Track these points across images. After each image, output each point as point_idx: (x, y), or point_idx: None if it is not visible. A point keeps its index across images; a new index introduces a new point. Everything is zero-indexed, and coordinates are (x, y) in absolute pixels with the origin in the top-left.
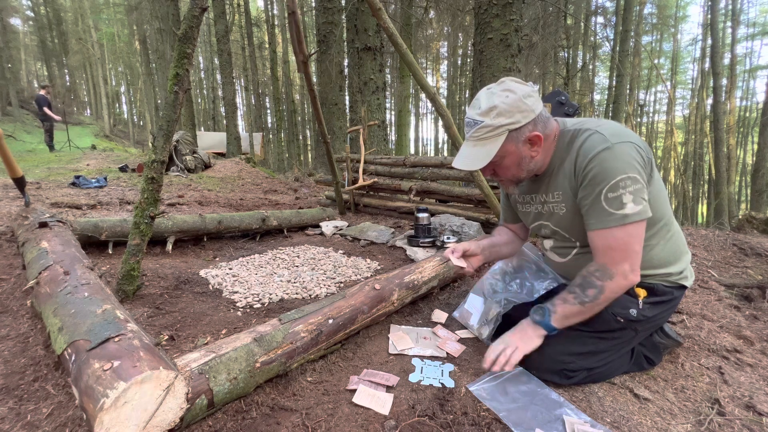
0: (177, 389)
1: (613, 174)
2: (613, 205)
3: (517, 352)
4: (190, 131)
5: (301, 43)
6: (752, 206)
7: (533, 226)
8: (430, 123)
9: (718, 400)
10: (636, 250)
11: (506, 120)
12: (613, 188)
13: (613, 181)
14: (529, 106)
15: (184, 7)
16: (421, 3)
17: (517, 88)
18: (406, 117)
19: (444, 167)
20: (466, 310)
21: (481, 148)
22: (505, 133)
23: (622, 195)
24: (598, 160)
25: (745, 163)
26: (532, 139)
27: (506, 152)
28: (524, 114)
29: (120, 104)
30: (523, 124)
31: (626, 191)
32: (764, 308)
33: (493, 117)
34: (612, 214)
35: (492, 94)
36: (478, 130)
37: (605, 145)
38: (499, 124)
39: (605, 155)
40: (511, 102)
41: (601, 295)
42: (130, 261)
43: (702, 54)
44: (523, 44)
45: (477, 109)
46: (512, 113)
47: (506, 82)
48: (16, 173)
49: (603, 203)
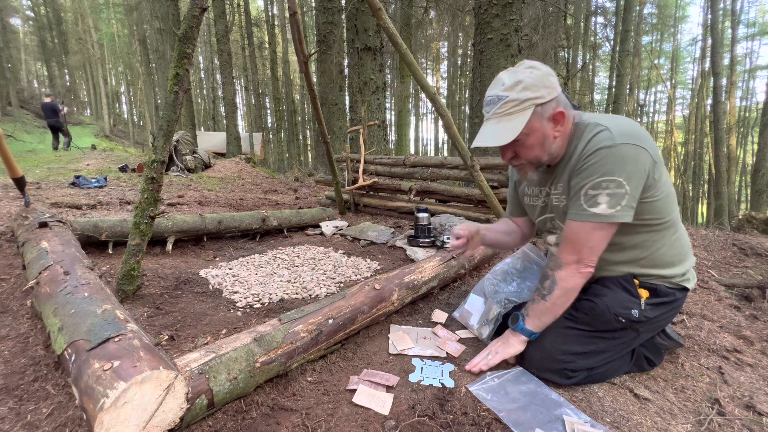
0: (177, 389)
1: (601, 173)
2: (588, 202)
3: (496, 356)
4: (190, 131)
5: (301, 43)
6: (752, 206)
7: (539, 221)
8: (430, 123)
9: (718, 400)
10: (590, 246)
11: (532, 94)
12: (594, 186)
13: (597, 180)
14: (552, 84)
15: (184, 7)
16: (421, 3)
17: (541, 66)
18: (406, 117)
19: (444, 167)
20: (467, 310)
21: (507, 123)
22: (531, 107)
23: (599, 195)
24: (595, 156)
25: (745, 163)
26: (556, 116)
27: (531, 129)
28: (549, 90)
29: (120, 104)
30: (547, 99)
31: (604, 192)
32: (764, 308)
33: (519, 91)
34: (584, 210)
35: (514, 72)
36: (503, 105)
37: (608, 143)
38: (526, 98)
39: (603, 153)
40: (537, 77)
41: (554, 287)
42: (130, 261)
43: (702, 54)
44: (523, 44)
45: (500, 86)
46: (538, 87)
47: (527, 62)
48: (16, 173)
49: (581, 198)
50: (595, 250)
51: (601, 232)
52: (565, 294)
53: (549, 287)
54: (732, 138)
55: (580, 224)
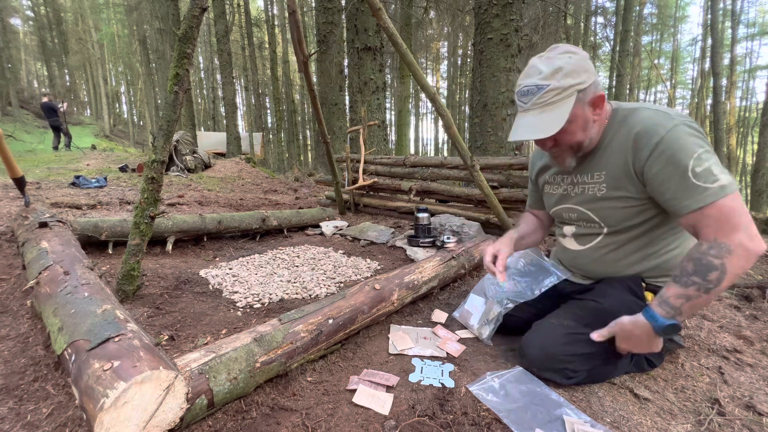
0: (177, 389)
1: (693, 147)
2: (708, 179)
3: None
4: (190, 131)
5: (301, 43)
6: (752, 206)
7: (556, 210)
8: (430, 123)
9: (718, 400)
10: (747, 213)
11: (574, 80)
12: (698, 162)
13: (696, 155)
14: (591, 67)
15: (184, 7)
16: (421, 3)
17: (577, 50)
18: (406, 117)
19: (444, 167)
20: (467, 310)
21: (550, 113)
22: (574, 94)
23: (710, 167)
24: (670, 136)
25: (745, 163)
26: (595, 101)
27: (574, 116)
28: (589, 74)
29: (120, 104)
30: (588, 84)
31: (711, 163)
32: (764, 308)
33: (560, 78)
34: (708, 188)
35: (550, 58)
36: (545, 94)
37: (673, 122)
38: (568, 85)
39: (677, 131)
40: (576, 61)
41: (724, 276)
42: (130, 261)
43: (702, 54)
44: (523, 44)
45: (537, 74)
46: (579, 73)
47: (561, 47)
48: (16, 173)
49: (693, 180)
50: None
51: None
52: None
53: (717, 278)
54: (732, 138)
55: (719, 202)
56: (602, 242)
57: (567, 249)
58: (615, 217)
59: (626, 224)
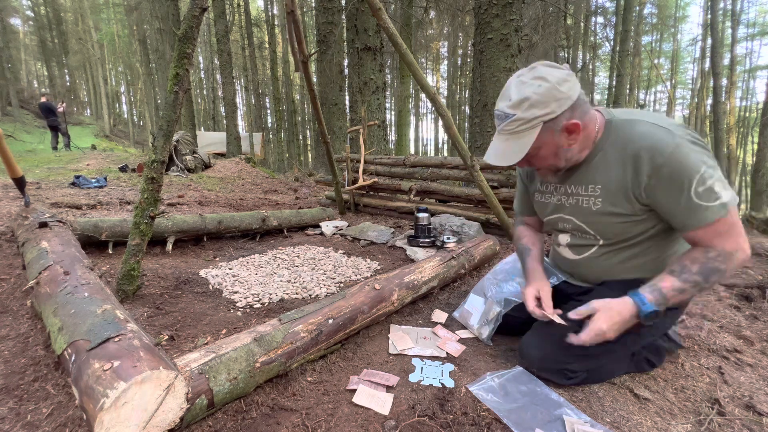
0: (177, 389)
1: (696, 166)
2: (710, 198)
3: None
4: (190, 131)
5: (301, 43)
6: (752, 206)
7: (549, 219)
8: (430, 123)
9: (718, 400)
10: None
11: (540, 111)
12: (701, 181)
13: (699, 175)
14: (564, 93)
15: (184, 7)
16: (421, 3)
17: (550, 74)
18: (406, 117)
19: (444, 167)
20: (467, 310)
21: (514, 143)
22: (539, 125)
23: (712, 185)
24: (674, 156)
25: (745, 163)
26: (569, 127)
27: (542, 143)
28: (560, 102)
29: (120, 104)
30: (559, 113)
31: (714, 180)
32: (764, 308)
33: (525, 109)
34: (709, 207)
35: (522, 83)
36: (510, 123)
37: (675, 140)
38: (533, 116)
39: (680, 151)
40: (544, 91)
41: (722, 278)
42: (130, 261)
43: (702, 54)
44: (523, 44)
45: (507, 100)
46: (546, 103)
47: (538, 68)
48: (16, 173)
49: (696, 200)
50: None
51: (737, 214)
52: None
53: (716, 280)
54: (732, 138)
55: (721, 221)
56: (598, 252)
57: (562, 257)
58: (612, 231)
59: (623, 237)
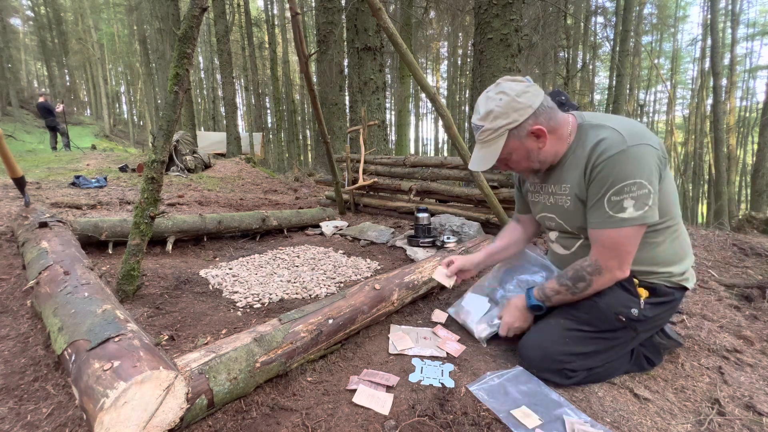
0: (177, 389)
1: (621, 178)
2: (614, 209)
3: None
4: (190, 131)
5: (301, 42)
6: (752, 206)
7: (539, 217)
8: (430, 123)
9: (718, 400)
10: (628, 250)
11: (503, 121)
12: (617, 192)
13: (619, 186)
14: (523, 104)
15: (184, 7)
16: (421, 3)
17: (510, 88)
18: (406, 117)
19: (444, 167)
20: (464, 309)
21: (486, 150)
22: (505, 133)
23: (623, 199)
24: (611, 161)
25: (745, 163)
26: (535, 132)
27: (512, 149)
28: (520, 112)
29: (120, 104)
30: (521, 121)
31: (629, 196)
32: (764, 308)
33: (490, 120)
34: (611, 216)
35: (488, 99)
36: (481, 133)
37: (621, 147)
38: (498, 126)
39: (618, 158)
40: (505, 104)
41: (589, 288)
42: (130, 261)
43: (702, 54)
44: (523, 44)
45: (477, 114)
46: (508, 114)
47: (501, 84)
48: (16, 173)
49: (605, 205)
50: (632, 253)
51: (634, 234)
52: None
53: (583, 288)
54: (732, 138)
55: (611, 231)
56: (583, 245)
57: (555, 253)
58: (583, 227)
59: None
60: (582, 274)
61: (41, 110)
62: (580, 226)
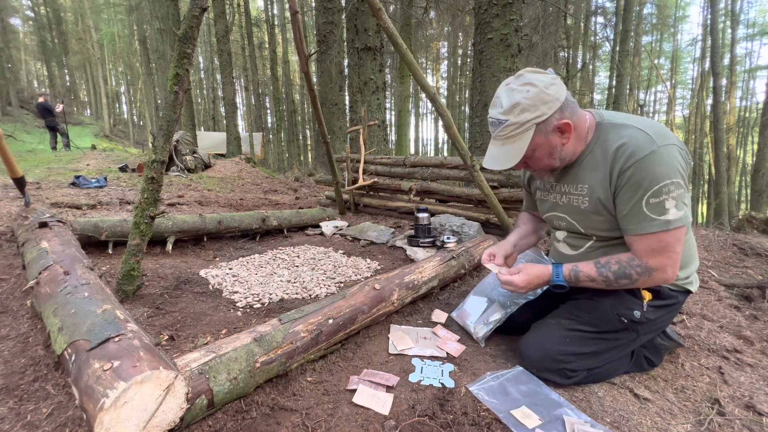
0: (177, 389)
1: (658, 179)
2: (656, 211)
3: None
4: (190, 131)
5: (301, 42)
6: (752, 206)
7: (547, 216)
8: (430, 123)
9: (718, 400)
10: (678, 251)
11: (531, 115)
12: (656, 194)
13: (657, 187)
14: (552, 96)
15: (184, 7)
16: (421, 3)
17: (537, 80)
18: (406, 117)
19: (444, 167)
20: (465, 311)
21: (510, 147)
22: (532, 127)
23: (664, 201)
24: (643, 163)
25: (745, 163)
26: (561, 127)
27: (536, 145)
28: (549, 105)
29: (120, 104)
30: (549, 115)
31: (669, 197)
32: (764, 308)
33: (517, 114)
34: (654, 220)
35: (512, 90)
36: (504, 129)
37: (651, 148)
38: (525, 120)
39: (650, 158)
40: (533, 95)
41: (631, 285)
42: (130, 261)
43: (702, 54)
44: (523, 44)
45: (499, 108)
46: (536, 107)
47: (525, 75)
48: (16, 173)
49: (644, 209)
50: (681, 253)
51: (680, 235)
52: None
53: (624, 285)
54: (732, 138)
55: (659, 235)
56: (593, 247)
57: (561, 253)
58: (600, 229)
59: (613, 234)
60: (629, 272)
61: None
62: (594, 228)
